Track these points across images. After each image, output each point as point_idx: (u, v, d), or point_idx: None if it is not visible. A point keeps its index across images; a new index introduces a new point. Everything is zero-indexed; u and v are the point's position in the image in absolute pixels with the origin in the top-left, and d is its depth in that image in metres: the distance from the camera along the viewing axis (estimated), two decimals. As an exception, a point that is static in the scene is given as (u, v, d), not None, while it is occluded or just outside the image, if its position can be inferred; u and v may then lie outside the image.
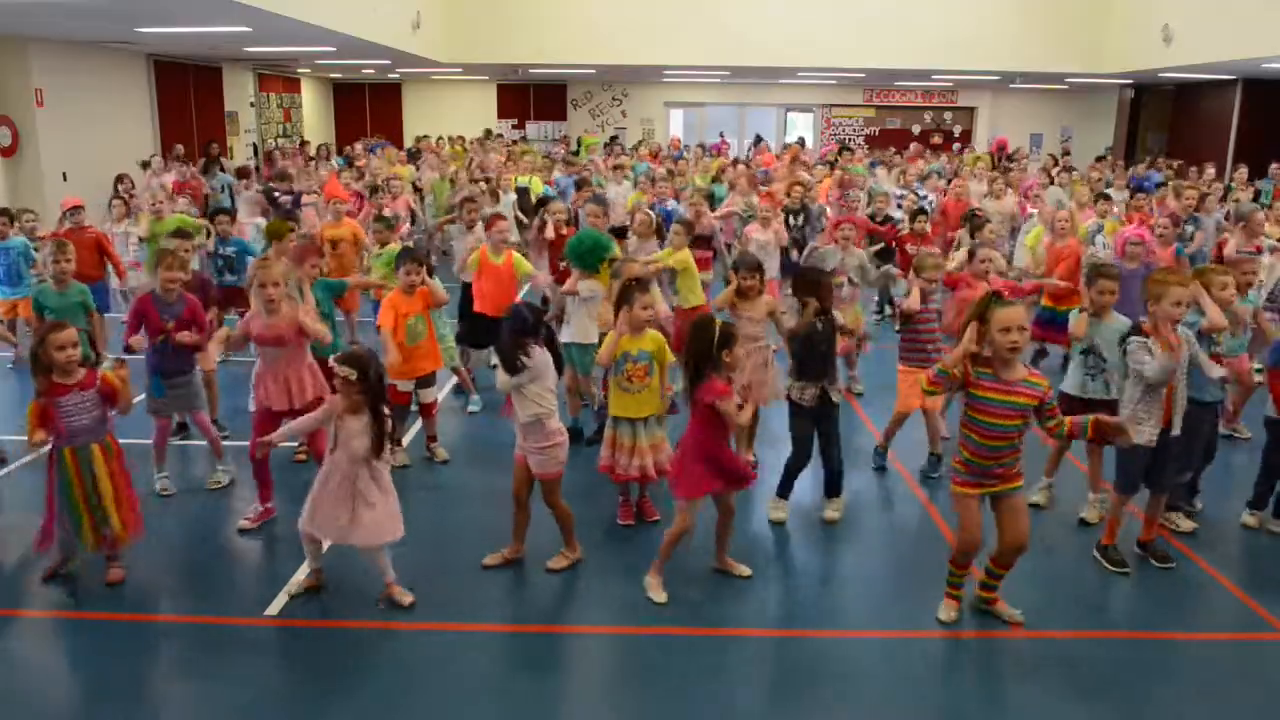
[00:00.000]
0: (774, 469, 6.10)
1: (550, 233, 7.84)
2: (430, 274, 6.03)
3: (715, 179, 13.60)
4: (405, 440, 6.28)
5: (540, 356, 4.51)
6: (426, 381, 6.11)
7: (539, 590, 4.66)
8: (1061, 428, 4.02)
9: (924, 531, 5.32)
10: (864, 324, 7.79)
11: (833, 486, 5.46)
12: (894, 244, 9.44)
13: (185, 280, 5.77)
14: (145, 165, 13.78)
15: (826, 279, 5.42)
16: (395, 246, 7.63)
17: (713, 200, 12.15)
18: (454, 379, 7.44)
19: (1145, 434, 4.66)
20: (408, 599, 4.44)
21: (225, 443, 6.01)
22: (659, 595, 4.52)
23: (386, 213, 9.67)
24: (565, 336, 6.26)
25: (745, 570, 4.73)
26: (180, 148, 14.77)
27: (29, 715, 3.73)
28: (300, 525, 4.44)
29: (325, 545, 4.54)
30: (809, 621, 4.44)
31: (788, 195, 10.71)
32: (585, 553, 4.95)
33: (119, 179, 11.12)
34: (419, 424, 6.45)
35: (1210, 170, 14.77)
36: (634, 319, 4.97)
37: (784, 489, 5.48)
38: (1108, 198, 10.13)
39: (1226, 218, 9.83)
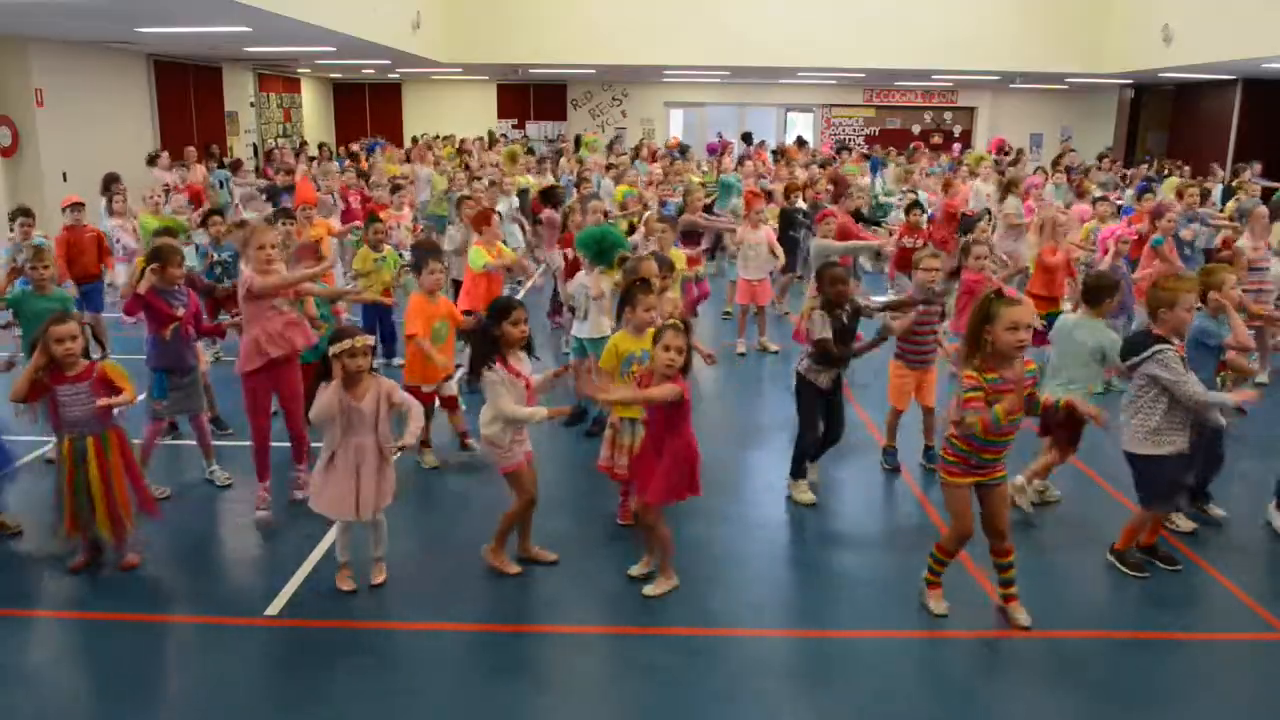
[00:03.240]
0: (758, 468, 6.12)
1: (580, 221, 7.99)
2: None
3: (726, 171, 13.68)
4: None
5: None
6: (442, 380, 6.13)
7: (538, 590, 4.66)
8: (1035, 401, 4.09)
9: (923, 530, 5.32)
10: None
11: (822, 450, 5.72)
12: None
13: (184, 276, 5.75)
14: (152, 160, 13.74)
15: (831, 273, 5.47)
16: (391, 251, 7.68)
17: (729, 191, 12.18)
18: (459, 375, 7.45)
19: (1175, 445, 4.63)
20: (381, 578, 4.62)
21: (226, 443, 6.03)
22: (634, 570, 4.67)
23: (402, 223, 9.70)
24: (582, 333, 6.45)
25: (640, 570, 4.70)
26: (192, 151, 14.76)
27: (29, 715, 3.73)
28: (335, 513, 4.45)
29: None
30: (807, 621, 4.44)
31: (787, 199, 10.75)
32: (584, 551, 4.97)
33: (111, 179, 11.12)
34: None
35: (1220, 171, 14.77)
36: (637, 319, 4.97)
37: (798, 469, 5.65)
38: (1106, 199, 10.14)
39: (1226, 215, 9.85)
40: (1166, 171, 14.96)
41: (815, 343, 5.41)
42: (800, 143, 19.87)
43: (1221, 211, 10.84)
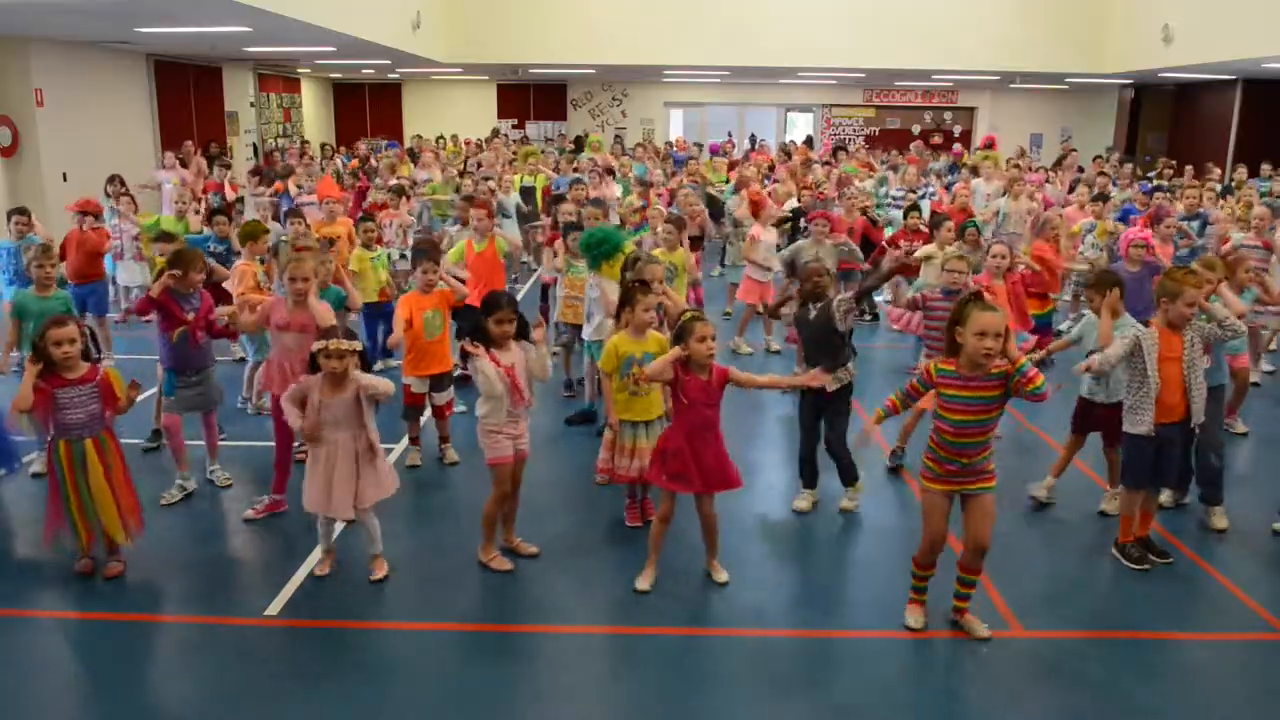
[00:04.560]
0: (760, 468, 6.12)
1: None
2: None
3: (728, 179, 13.69)
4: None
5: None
6: (440, 384, 6.12)
7: (540, 590, 4.66)
8: (1035, 384, 3.81)
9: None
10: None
11: (844, 475, 5.56)
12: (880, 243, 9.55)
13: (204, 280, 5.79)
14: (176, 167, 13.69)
15: (809, 267, 5.59)
16: (383, 250, 7.74)
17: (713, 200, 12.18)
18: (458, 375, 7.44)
19: (1144, 424, 4.70)
20: (382, 572, 4.65)
21: (227, 443, 6.05)
22: (644, 584, 4.61)
23: (396, 220, 9.70)
24: (587, 334, 6.56)
25: (723, 576, 4.69)
26: (189, 145, 14.75)
27: (29, 715, 3.73)
28: (314, 510, 4.54)
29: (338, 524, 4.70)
30: (807, 622, 4.44)
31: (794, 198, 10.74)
32: (588, 552, 4.97)
33: (111, 180, 11.16)
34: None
35: (1216, 171, 14.78)
36: (636, 320, 4.97)
37: (804, 477, 5.62)
38: (1106, 199, 10.17)
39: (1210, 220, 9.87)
40: (1161, 172, 14.92)
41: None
42: (809, 143, 19.84)
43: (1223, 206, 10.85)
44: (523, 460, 4.74)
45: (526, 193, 12.36)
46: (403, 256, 9.45)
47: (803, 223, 10.22)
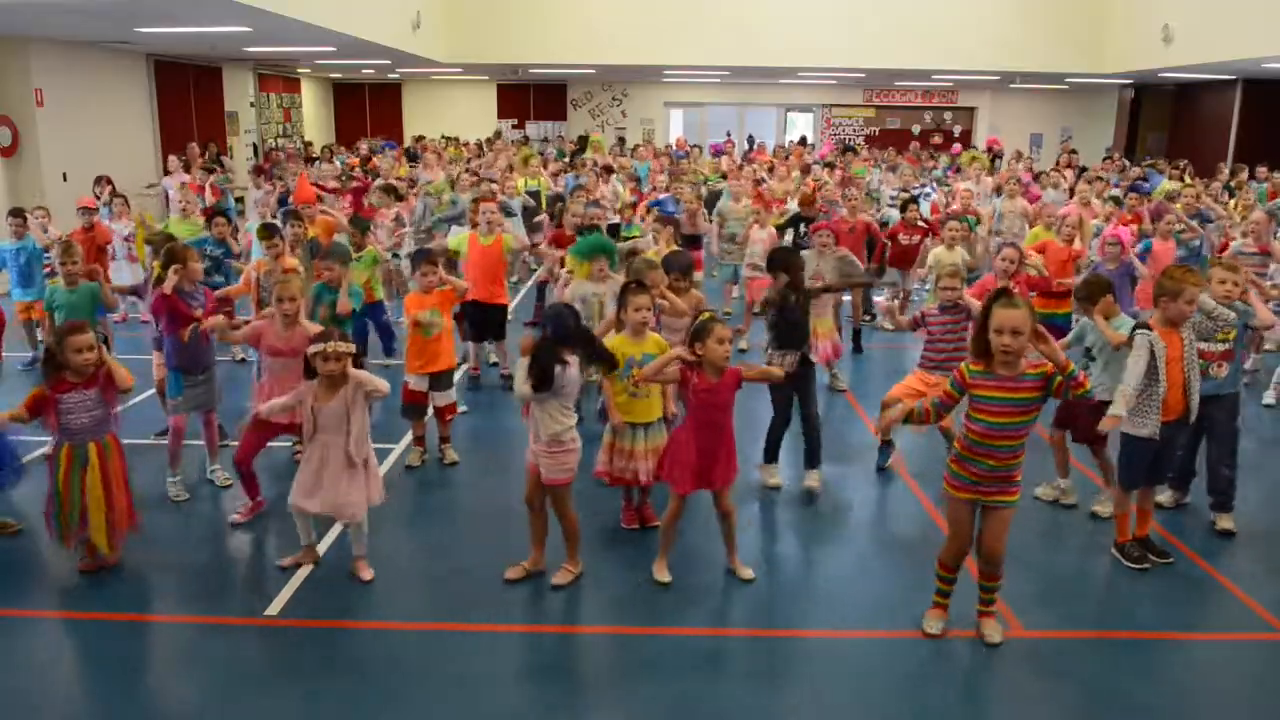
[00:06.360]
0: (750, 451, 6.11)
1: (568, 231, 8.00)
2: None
3: (725, 176, 13.71)
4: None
5: (571, 373, 4.38)
6: (442, 383, 6.11)
7: (539, 591, 4.65)
8: (1085, 388, 3.80)
9: (924, 531, 5.32)
10: (836, 333, 7.47)
11: (813, 456, 5.77)
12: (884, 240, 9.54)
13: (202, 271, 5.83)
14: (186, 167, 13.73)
15: (796, 257, 5.77)
16: (372, 249, 7.75)
17: (716, 199, 12.19)
18: (460, 374, 7.42)
19: (1147, 427, 4.71)
20: (368, 575, 4.67)
21: (229, 444, 6.05)
22: (663, 576, 4.67)
23: (387, 219, 9.69)
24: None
25: (748, 573, 4.72)
26: (194, 148, 14.78)
27: (29, 715, 3.73)
28: (299, 505, 4.56)
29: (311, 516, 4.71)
30: (808, 621, 4.44)
31: (802, 205, 10.72)
32: (586, 553, 4.95)
33: (98, 180, 11.19)
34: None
35: (1225, 171, 14.77)
36: (629, 320, 4.95)
37: (770, 454, 5.80)
38: (1119, 201, 10.17)
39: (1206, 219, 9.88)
40: (1167, 173, 14.91)
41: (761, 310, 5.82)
42: (803, 142, 19.84)
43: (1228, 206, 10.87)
44: (537, 479, 4.57)
45: (532, 196, 12.36)
46: (395, 255, 9.45)
47: (802, 229, 10.20)
